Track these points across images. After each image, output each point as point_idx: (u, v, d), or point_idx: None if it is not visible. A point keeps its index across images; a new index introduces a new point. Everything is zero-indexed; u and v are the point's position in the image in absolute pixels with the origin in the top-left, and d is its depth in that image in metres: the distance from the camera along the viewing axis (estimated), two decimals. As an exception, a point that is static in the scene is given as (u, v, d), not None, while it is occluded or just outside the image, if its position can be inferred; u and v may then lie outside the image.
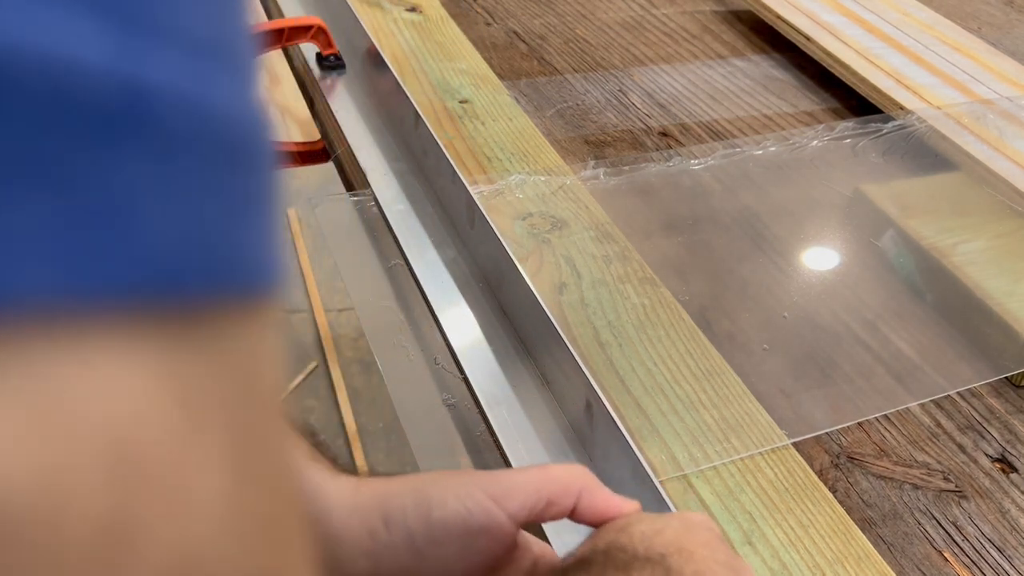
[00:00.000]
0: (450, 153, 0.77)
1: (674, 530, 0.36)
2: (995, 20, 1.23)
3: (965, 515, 0.55)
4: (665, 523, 0.37)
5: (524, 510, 0.37)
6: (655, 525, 0.36)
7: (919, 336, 0.69)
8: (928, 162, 0.89)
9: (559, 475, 0.39)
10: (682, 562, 0.34)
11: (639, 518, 0.38)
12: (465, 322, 0.67)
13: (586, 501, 0.39)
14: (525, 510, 0.37)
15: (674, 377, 0.61)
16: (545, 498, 0.38)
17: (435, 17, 1.05)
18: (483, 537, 0.37)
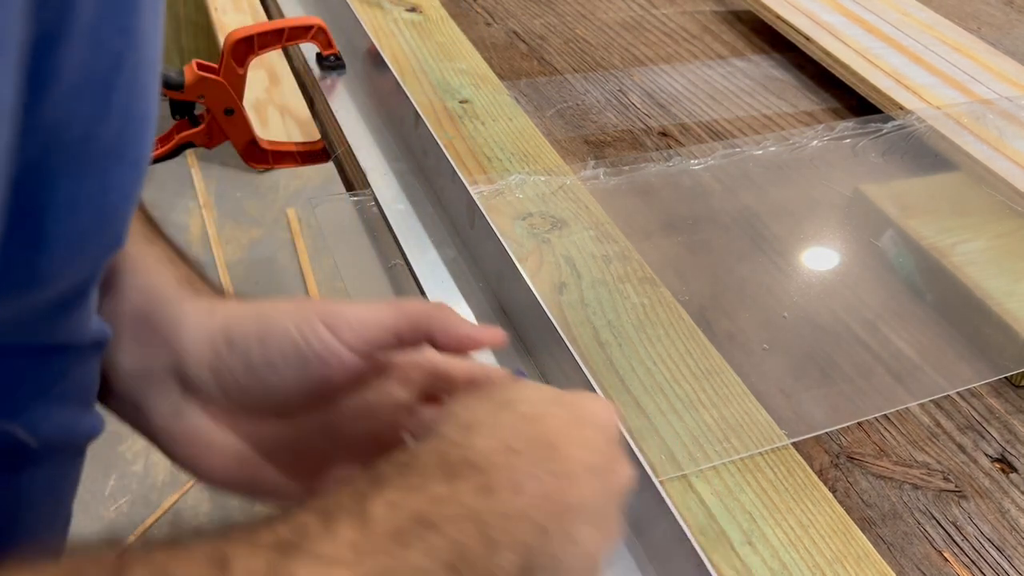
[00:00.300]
0: (450, 153, 0.77)
1: (550, 421, 0.35)
2: (995, 20, 1.23)
3: (965, 515, 0.55)
4: (545, 410, 0.36)
5: (363, 342, 0.38)
6: (530, 410, 0.35)
7: (919, 336, 0.69)
8: (928, 162, 0.89)
9: (410, 310, 0.39)
10: (536, 460, 0.33)
11: (517, 398, 0.36)
12: (465, 322, 0.67)
13: (442, 336, 0.39)
14: (364, 342, 0.38)
15: (674, 377, 0.61)
16: (392, 332, 0.38)
17: (435, 17, 1.05)
18: (317, 364, 0.38)
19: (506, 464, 0.32)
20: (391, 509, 0.28)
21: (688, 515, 0.52)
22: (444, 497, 0.29)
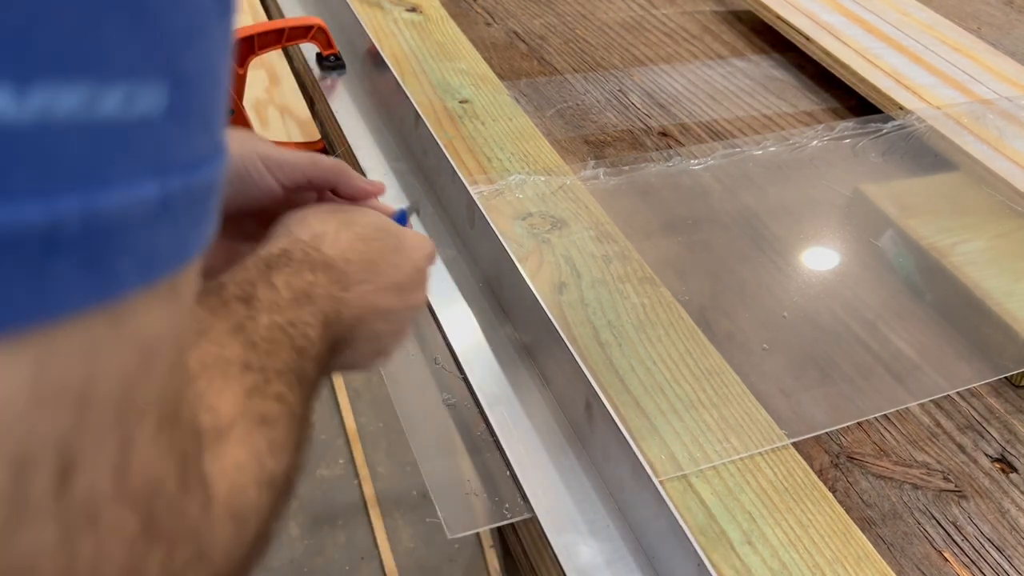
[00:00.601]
0: (450, 153, 0.77)
1: (375, 244, 0.47)
2: (995, 20, 1.23)
3: (965, 515, 0.55)
4: (374, 235, 0.48)
5: (289, 181, 0.50)
6: (363, 232, 0.47)
7: (919, 336, 0.69)
8: (928, 162, 0.89)
9: (323, 164, 0.51)
10: (361, 271, 0.45)
11: (356, 221, 0.48)
12: (465, 322, 0.67)
13: (343, 187, 0.52)
14: (289, 181, 0.50)
15: (674, 377, 0.61)
16: (308, 177, 0.50)
17: (435, 17, 1.05)
18: (254, 192, 0.49)
19: (344, 269, 0.44)
20: (287, 285, 0.40)
21: (688, 515, 0.52)
22: (315, 283, 0.42)
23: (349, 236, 0.47)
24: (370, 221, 0.49)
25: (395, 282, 0.47)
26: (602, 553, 0.51)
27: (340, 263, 0.45)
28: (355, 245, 0.46)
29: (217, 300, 0.38)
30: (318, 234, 0.46)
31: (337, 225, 0.47)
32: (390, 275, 0.47)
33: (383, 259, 0.47)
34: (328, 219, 0.48)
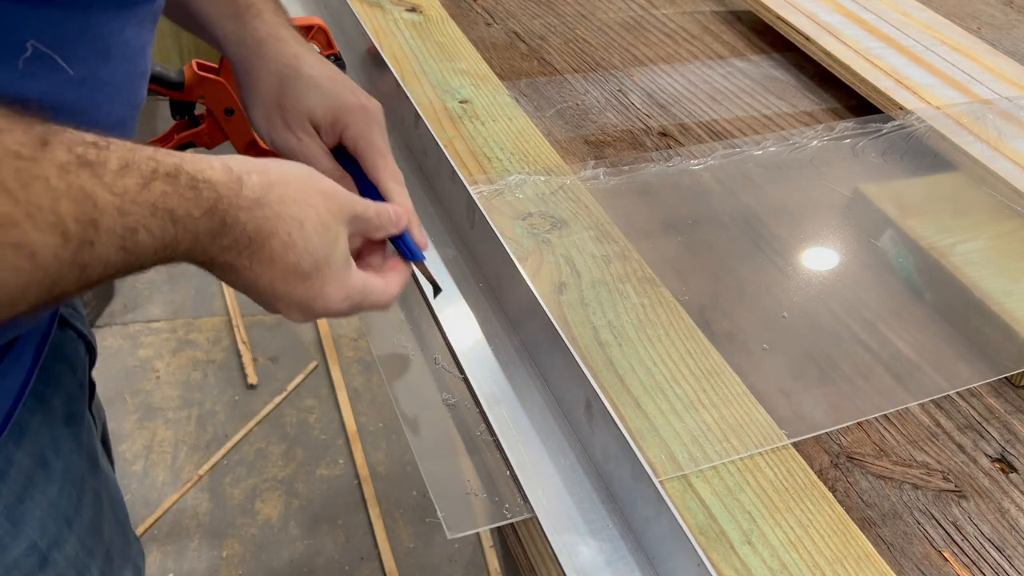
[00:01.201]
0: (450, 153, 0.77)
1: (290, 258, 0.50)
2: (995, 20, 1.23)
3: (965, 515, 0.55)
4: (296, 242, 0.50)
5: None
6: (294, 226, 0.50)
7: (919, 336, 0.69)
8: (927, 162, 0.89)
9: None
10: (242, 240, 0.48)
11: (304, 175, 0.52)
12: (465, 322, 0.67)
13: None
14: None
15: (673, 377, 0.61)
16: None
17: (435, 17, 1.05)
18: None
19: (241, 237, 0.48)
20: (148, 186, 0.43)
21: (688, 515, 0.52)
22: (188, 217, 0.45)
23: (286, 227, 0.49)
24: (317, 241, 0.50)
25: (274, 291, 0.50)
26: (602, 553, 0.51)
27: (247, 235, 0.48)
28: (281, 239, 0.49)
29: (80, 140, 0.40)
30: (262, 200, 0.48)
31: (295, 217, 0.50)
32: (277, 283, 0.50)
33: (285, 268, 0.49)
34: (301, 205, 0.50)
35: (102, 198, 0.40)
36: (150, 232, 0.43)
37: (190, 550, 1.57)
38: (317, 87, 0.62)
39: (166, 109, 0.97)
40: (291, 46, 0.63)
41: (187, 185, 0.45)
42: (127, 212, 0.42)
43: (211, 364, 1.92)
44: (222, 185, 0.46)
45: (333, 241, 0.51)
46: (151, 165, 0.43)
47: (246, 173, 0.48)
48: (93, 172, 0.40)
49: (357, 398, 1.88)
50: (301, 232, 0.49)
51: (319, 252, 0.50)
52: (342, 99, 0.62)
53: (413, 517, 1.66)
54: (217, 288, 2.10)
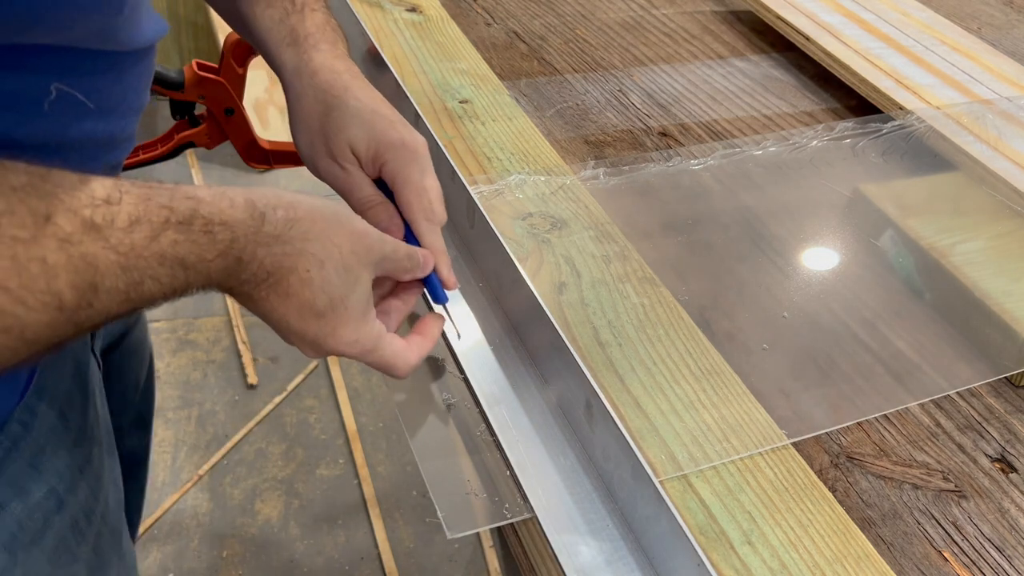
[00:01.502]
0: (450, 153, 0.77)
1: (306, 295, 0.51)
2: (995, 20, 1.23)
3: (965, 515, 0.56)
4: (326, 306, 0.51)
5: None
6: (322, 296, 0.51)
7: (919, 336, 0.69)
8: (927, 162, 0.89)
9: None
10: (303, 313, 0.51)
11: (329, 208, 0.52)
12: (465, 322, 0.67)
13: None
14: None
15: (673, 377, 0.61)
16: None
17: (435, 17, 1.05)
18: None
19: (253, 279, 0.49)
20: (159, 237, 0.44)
21: (688, 515, 0.52)
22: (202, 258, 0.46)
23: (306, 263, 0.50)
24: (336, 282, 0.51)
25: (288, 325, 0.52)
26: (602, 553, 0.51)
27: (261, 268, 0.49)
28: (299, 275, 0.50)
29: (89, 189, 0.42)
30: (283, 237, 0.49)
31: (316, 255, 0.50)
32: (291, 318, 0.51)
33: (300, 304, 0.51)
34: (324, 243, 0.51)
35: (104, 260, 0.42)
36: (157, 281, 0.44)
37: (190, 550, 1.57)
38: (360, 119, 0.62)
39: (166, 109, 0.97)
40: (343, 78, 0.65)
41: (201, 230, 0.45)
42: (132, 268, 0.43)
43: (211, 364, 1.92)
44: (240, 224, 0.47)
45: (353, 284, 0.52)
46: (163, 215, 0.44)
47: (271, 209, 0.49)
48: (99, 235, 0.41)
49: (357, 398, 1.88)
50: (321, 271, 0.50)
51: (336, 292, 0.51)
52: (384, 134, 0.62)
53: (413, 517, 1.66)
54: (217, 288, 2.10)
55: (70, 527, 0.63)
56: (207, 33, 2.51)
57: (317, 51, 0.66)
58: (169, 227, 0.44)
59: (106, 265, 0.42)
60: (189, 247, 0.45)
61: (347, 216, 0.53)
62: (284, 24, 0.67)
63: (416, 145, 0.63)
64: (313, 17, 0.67)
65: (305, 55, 0.66)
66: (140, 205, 0.43)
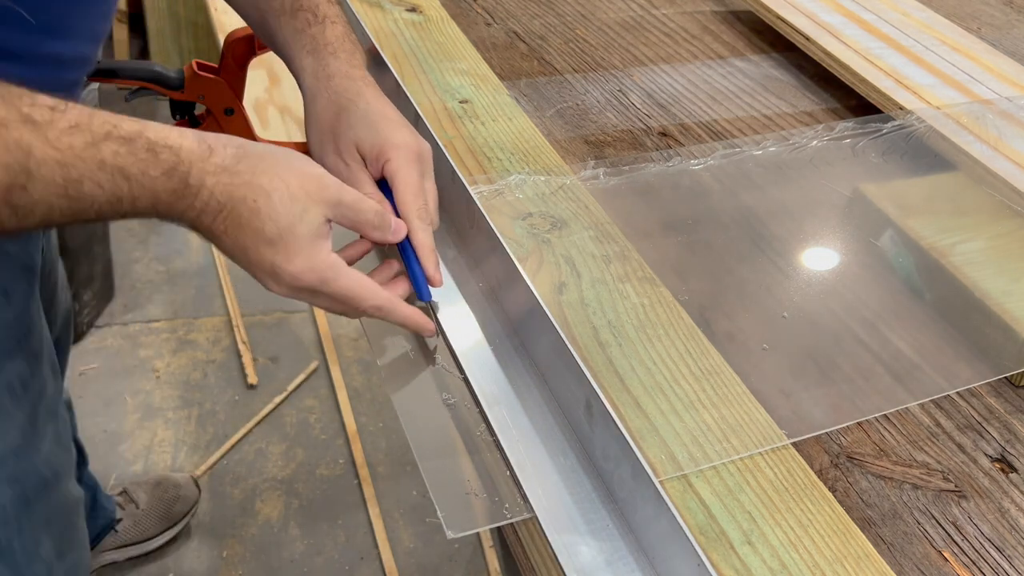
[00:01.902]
0: (450, 153, 0.77)
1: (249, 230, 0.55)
2: (995, 20, 1.23)
3: (964, 515, 0.56)
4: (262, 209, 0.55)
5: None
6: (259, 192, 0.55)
7: (918, 336, 0.69)
8: (927, 162, 0.89)
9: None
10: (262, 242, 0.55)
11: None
12: (465, 322, 0.67)
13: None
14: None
15: (673, 377, 0.61)
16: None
17: (435, 17, 1.05)
18: None
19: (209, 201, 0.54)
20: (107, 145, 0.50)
21: (688, 515, 0.52)
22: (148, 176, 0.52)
23: (253, 194, 0.54)
24: (282, 211, 0.55)
25: (247, 256, 0.56)
26: (602, 553, 0.51)
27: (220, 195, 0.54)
28: (248, 205, 0.54)
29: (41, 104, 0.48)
30: (232, 169, 0.54)
31: (263, 187, 0.55)
32: (248, 248, 0.56)
33: (253, 233, 0.55)
34: (271, 177, 0.55)
35: (40, 151, 0.48)
36: (98, 184, 0.50)
37: (190, 550, 1.57)
38: (368, 121, 0.66)
39: (166, 109, 0.97)
40: (357, 84, 0.69)
41: (144, 148, 0.51)
42: (70, 166, 0.49)
43: (211, 364, 1.92)
44: (187, 151, 0.53)
45: (301, 214, 0.56)
46: (106, 128, 0.50)
47: (222, 145, 0.54)
48: (36, 129, 0.48)
49: (357, 398, 1.88)
50: (268, 201, 0.55)
51: (283, 221, 0.55)
52: (389, 136, 0.65)
53: (413, 517, 1.66)
54: (217, 288, 2.10)
55: (5, 389, 0.74)
56: (207, 33, 2.51)
57: (335, 58, 0.70)
58: (111, 140, 0.50)
59: (42, 155, 0.48)
60: (131, 159, 0.51)
61: (300, 159, 0.58)
62: (305, 34, 0.71)
63: (418, 148, 0.66)
64: (333, 29, 0.72)
65: (323, 61, 0.70)
66: (84, 116, 0.49)
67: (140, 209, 0.53)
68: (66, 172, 0.49)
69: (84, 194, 0.50)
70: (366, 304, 0.59)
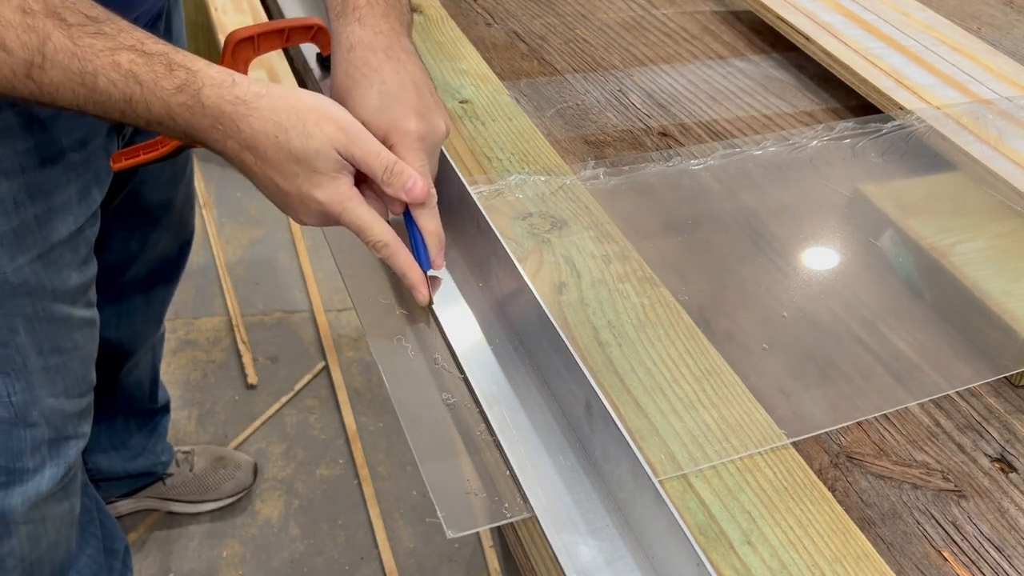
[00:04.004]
0: (450, 153, 0.77)
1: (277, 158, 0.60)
2: (995, 20, 1.23)
3: (964, 514, 0.56)
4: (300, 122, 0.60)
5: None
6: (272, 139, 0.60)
7: (918, 336, 0.69)
8: (927, 162, 0.89)
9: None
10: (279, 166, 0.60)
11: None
12: (465, 322, 0.67)
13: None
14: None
15: (673, 377, 0.61)
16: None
17: (435, 17, 1.05)
18: None
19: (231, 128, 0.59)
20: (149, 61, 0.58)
21: (687, 515, 0.52)
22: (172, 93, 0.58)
23: (272, 129, 0.59)
24: (298, 145, 0.59)
25: (278, 186, 0.61)
26: (602, 553, 0.51)
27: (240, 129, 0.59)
28: (269, 138, 0.59)
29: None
30: (251, 103, 0.59)
31: (280, 123, 0.59)
32: (277, 178, 0.60)
33: (278, 163, 0.60)
34: (290, 115, 0.59)
35: (58, 39, 0.55)
36: (111, 82, 0.56)
37: (190, 550, 1.57)
38: (379, 103, 0.66)
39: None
40: (377, 57, 0.68)
41: (162, 63, 0.57)
42: (85, 59, 0.55)
43: (211, 364, 1.92)
44: (204, 74, 0.58)
45: (316, 150, 0.59)
46: (130, 42, 0.57)
47: (247, 83, 0.59)
48: (60, 24, 0.55)
49: (357, 398, 1.88)
50: (286, 136, 0.59)
51: (301, 155, 0.59)
52: (396, 121, 0.65)
53: (413, 517, 1.66)
54: (217, 288, 2.10)
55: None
56: (207, 33, 2.51)
57: (360, 25, 0.69)
58: (133, 52, 0.56)
59: (59, 44, 0.55)
60: (145, 68, 0.57)
61: (324, 101, 0.61)
62: None
63: (424, 134, 0.66)
64: None
65: (348, 28, 0.69)
66: (116, 28, 0.56)
67: (158, 117, 0.58)
68: (80, 65, 0.55)
69: (99, 88, 0.56)
70: (374, 236, 0.62)
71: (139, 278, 1.25)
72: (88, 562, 1.13)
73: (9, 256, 0.80)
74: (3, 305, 0.82)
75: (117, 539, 1.22)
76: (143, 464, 1.50)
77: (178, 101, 0.57)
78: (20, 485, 0.92)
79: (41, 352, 0.88)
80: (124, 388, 1.37)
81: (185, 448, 1.62)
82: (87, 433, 1.00)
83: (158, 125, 0.59)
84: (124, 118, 0.59)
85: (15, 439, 0.89)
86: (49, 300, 0.85)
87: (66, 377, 0.92)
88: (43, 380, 0.89)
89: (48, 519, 0.98)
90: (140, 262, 1.22)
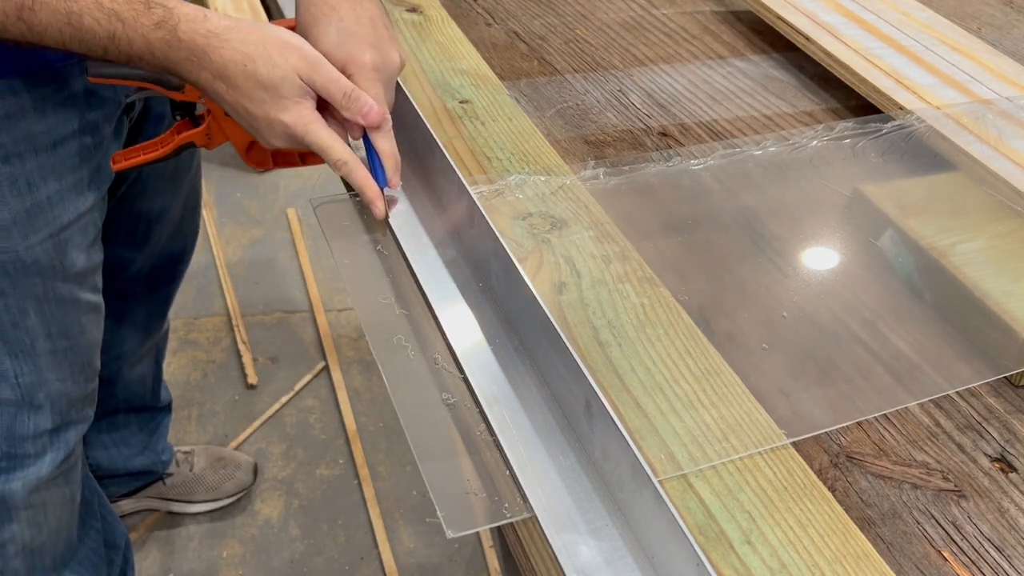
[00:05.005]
0: (450, 153, 0.77)
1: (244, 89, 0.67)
2: (995, 20, 1.23)
3: (964, 514, 0.56)
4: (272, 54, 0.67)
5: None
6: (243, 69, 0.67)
7: (918, 336, 0.69)
8: (927, 162, 0.89)
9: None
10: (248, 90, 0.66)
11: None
12: (465, 322, 0.67)
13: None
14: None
15: (673, 377, 0.61)
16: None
17: (435, 17, 1.05)
18: None
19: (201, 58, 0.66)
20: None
21: (687, 514, 0.52)
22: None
23: (241, 59, 0.65)
24: (265, 73, 0.65)
25: (248, 112, 0.67)
26: (602, 553, 0.51)
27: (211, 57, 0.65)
28: (239, 67, 0.65)
29: None
30: (222, 36, 0.65)
31: (248, 53, 0.65)
32: (248, 104, 0.67)
33: (248, 90, 0.66)
34: (256, 46, 0.66)
35: None
36: (96, 21, 0.63)
37: (190, 550, 1.57)
38: (338, 39, 0.72)
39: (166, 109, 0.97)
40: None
41: (141, 2, 0.64)
42: (71, 0, 0.62)
43: (211, 364, 1.92)
44: (179, 11, 0.64)
45: (281, 77, 0.66)
46: None
47: (218, 17, 0.66)
48: None
49: (357, 398, 1.88)
50: (254, 65, 0.65)
51: (267, 81, 0.66)
52: (353, 54, 0.71)
53: (413, 517, 1.66)
54: (217, 288, 2.10)
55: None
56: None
57: None
58: None
59: None
60: (126, 7, 0.63)
61: (287, 34, 0.68)
62: None
63: (380, 65, 0.72)
64: None
65: None
66: None
67: (138, 52, 0.64)
68: (67, 5, 0.62)
69: (84, 27, 0.63)
70: (335, 155, 0.69)
71: (142, 274, 1.25)
72: (88, 553, 1.13)
73: (23, 235, 0.82)
74: (16, 285, 0.84)
75: (118, 534, 1.22)
76: (143, 462, 1.50)
77: (157, 36, 0.64)
78: (21, 470, 0.94)
79: (49, 335, 0.89)
80: (127, 384, 1.38)
81: (185, 448, 1.62)
82: (90, 417, 1.02)
83: (139, 60, 0.65)
84: (107, 54, 0.65)
85: (19, 424, 0.91)
86: (59, 280, 0.87)
87: (73, 361, 0.94)
88: (50, 363, 0.91)
89: (48, 504, 1.00)
90: (144, 258, 1.23)
